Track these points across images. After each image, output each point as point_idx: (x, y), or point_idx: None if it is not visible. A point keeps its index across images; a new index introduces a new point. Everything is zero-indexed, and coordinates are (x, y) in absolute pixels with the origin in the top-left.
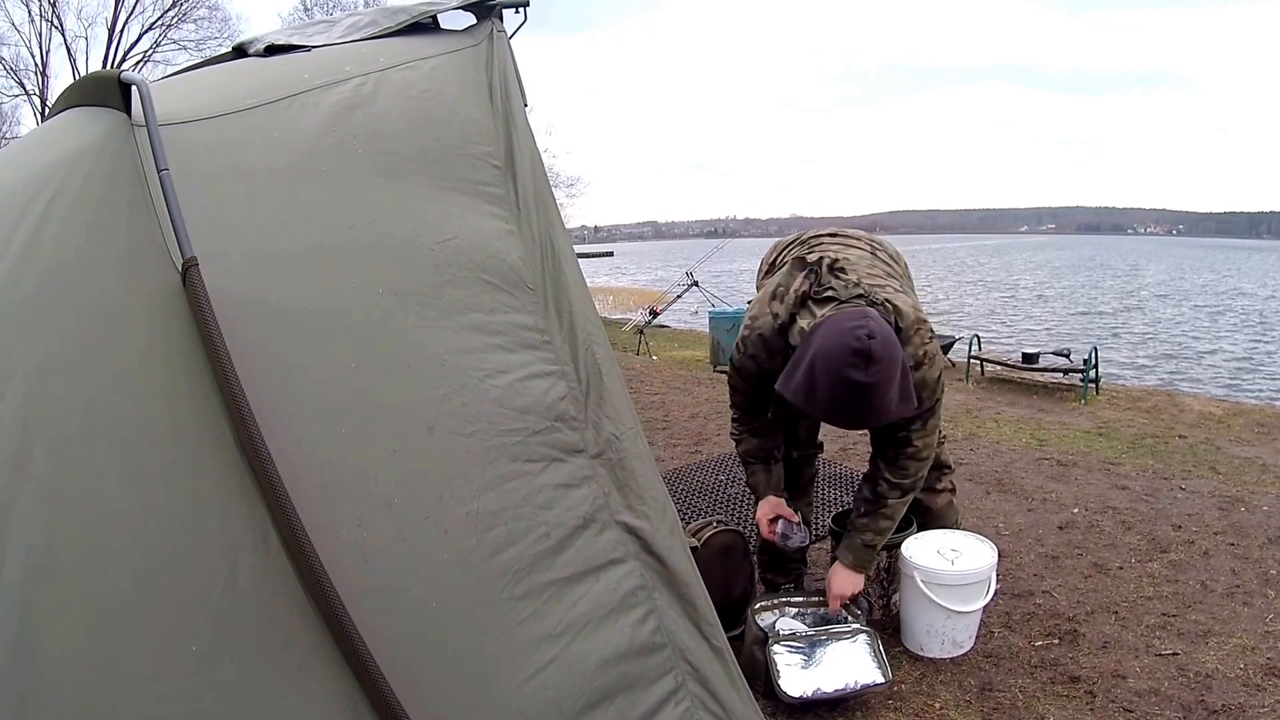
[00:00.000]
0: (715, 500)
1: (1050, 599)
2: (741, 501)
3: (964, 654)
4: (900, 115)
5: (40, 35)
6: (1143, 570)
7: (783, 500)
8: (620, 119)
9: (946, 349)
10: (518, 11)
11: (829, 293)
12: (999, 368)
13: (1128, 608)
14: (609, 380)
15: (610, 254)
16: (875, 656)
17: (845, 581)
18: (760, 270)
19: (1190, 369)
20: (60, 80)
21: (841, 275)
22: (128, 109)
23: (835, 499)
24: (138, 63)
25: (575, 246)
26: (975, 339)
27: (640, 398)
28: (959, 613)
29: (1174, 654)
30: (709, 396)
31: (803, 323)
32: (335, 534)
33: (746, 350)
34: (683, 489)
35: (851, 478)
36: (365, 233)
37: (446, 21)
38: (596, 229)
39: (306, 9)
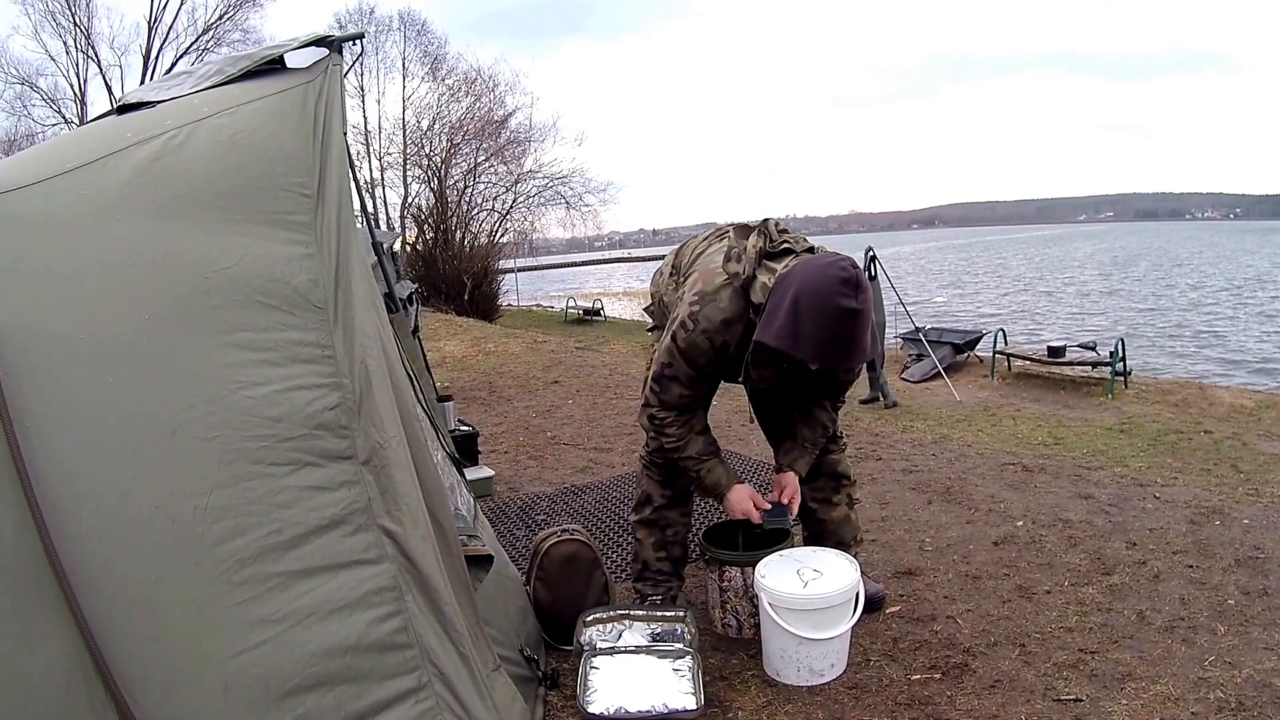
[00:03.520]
0: None
1: (952, 625)
2: None
3: (826, 683)
4: (948, 107)
5: (77, 65)
6: (1074, 596)
7: (751, 488)
8: (676, 122)
9: (972, 344)
10: (355, 44)
11: (785, 245)
12: (1026, 363)
13: (1039, 640)
14: (378, 391)
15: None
16: (693, 682)
17: (798, 488)
18: (664, 274)
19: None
20: (97, 108)
21: (787, 234)
22: None
23: None
24: None
25: (630, 250)
26: (1001, 333)
27: (620, 403)
28: (812, 640)
29: (1076, 700)
30: None
31: (764, 278)
32: (77, 516)
33: (698, 326)
34: (618, 497)
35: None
36: (143, 269)
37: (295, 60)
38: (654, 232)
39: (341, 26)
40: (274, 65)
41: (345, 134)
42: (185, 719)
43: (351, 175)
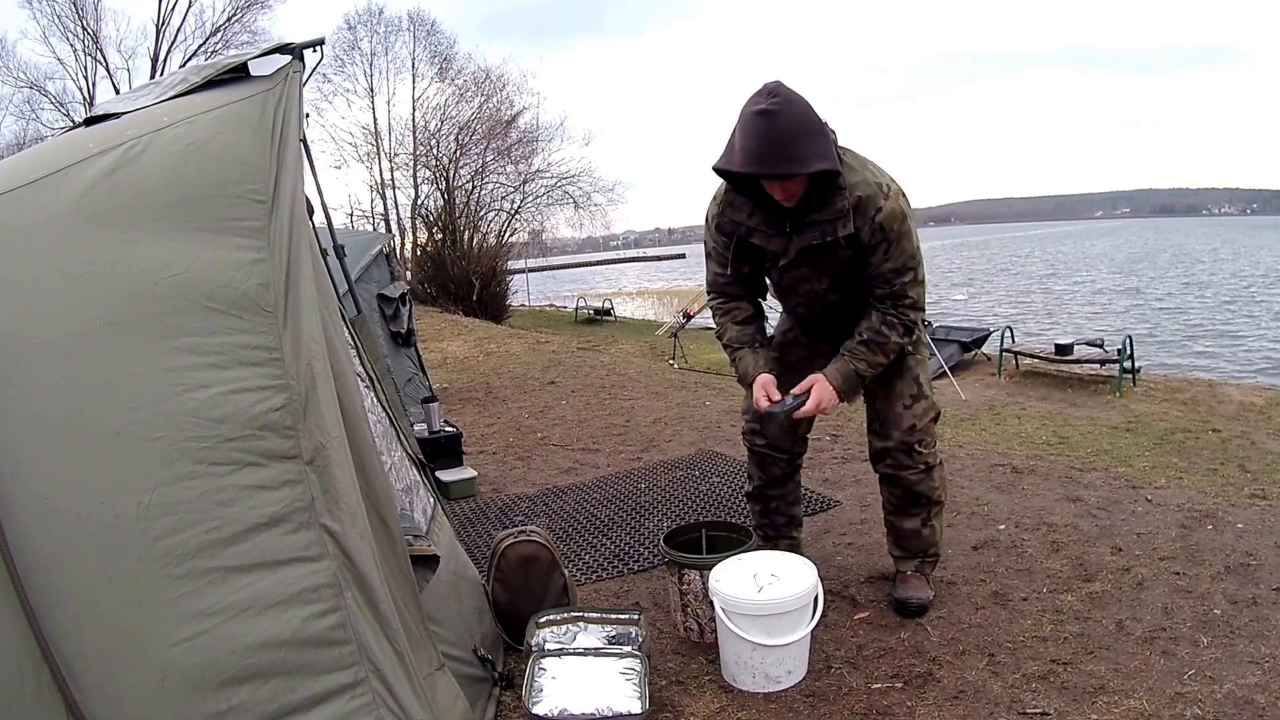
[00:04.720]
0: (621, 510)
1: (920, 633)
2: (650, 511)
3: (784, 690)
4: (963, 104)
5: (85, 69)
6: (1051, 603)
7: (772, 379)
8: (687, 120)
9: (980, 342)
10: (315, 50)
11: None
12: (1034, 361)
13: (1010, 650)
14: (322, 393)
15: (683, 256)
16: (639, 685)
17: (826, 396)
18: None
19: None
20: None
21: None
22: None
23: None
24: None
25: (647, 250)
26: (1008, 330)
27: (613, 403)
28: (767, 646)
29: (1042, 713)
30: (680, 400)
31: None
32: (26, 511)
33: (713, 198)
34: (596, 498)
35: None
36: (94, 276)
37: (259, 67)
38: (670, 231)
39: (350, 27)
40: (237, 74)
41: (304, 139)
42: (125, 705)
43: (314, 180)
